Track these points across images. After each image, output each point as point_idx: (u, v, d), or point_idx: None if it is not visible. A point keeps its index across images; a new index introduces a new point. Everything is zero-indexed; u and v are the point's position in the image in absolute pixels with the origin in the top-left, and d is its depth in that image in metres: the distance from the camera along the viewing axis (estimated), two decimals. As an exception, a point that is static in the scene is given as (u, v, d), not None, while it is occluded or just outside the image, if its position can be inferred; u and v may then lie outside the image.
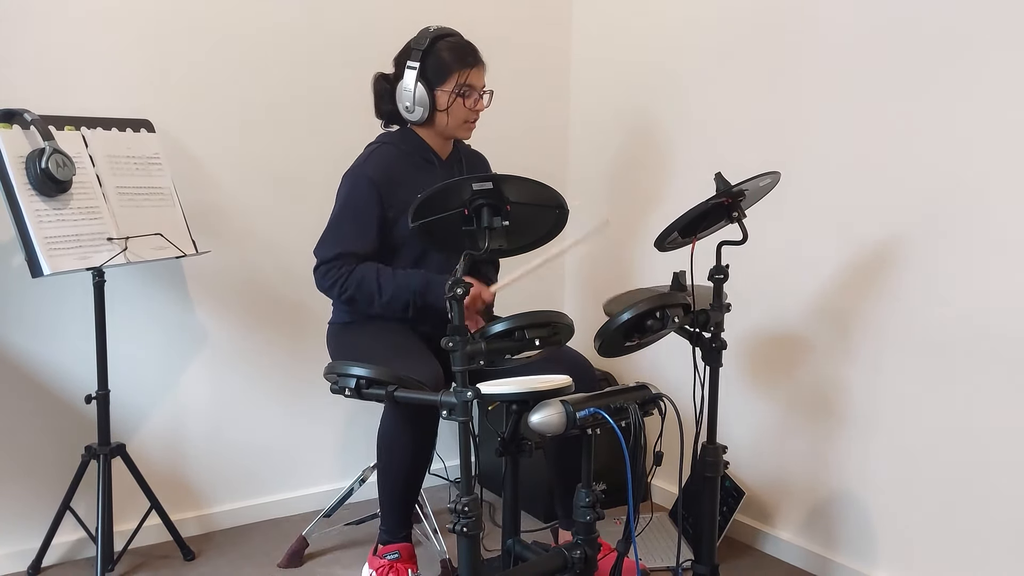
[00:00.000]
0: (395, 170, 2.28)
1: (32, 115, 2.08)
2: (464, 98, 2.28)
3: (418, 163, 2.33)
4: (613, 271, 3.09)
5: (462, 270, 1.64)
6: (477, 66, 2.29)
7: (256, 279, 2.70)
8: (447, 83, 2.26)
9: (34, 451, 2.41)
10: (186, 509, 2.65)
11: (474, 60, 2.28)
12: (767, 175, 1.91)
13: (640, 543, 2.52)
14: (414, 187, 2.01)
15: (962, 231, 2.02)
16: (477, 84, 2.29)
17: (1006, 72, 1.91)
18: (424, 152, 2.35)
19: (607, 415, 1.73)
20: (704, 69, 2.65)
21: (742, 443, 2.59)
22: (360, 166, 2.30)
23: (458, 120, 2.30)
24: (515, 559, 1.99)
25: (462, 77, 2.26)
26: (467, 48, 2.29)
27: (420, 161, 2.34)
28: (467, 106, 2.29)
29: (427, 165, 2.34)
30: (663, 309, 1.86)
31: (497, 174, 1.74)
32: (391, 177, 2.26)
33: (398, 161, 2.31)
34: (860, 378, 2.27)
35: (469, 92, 2.28)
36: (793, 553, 2.48)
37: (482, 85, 2.32)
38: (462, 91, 2.26)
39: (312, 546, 2.51)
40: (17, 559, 2.39)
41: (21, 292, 2.34)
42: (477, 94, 2.29)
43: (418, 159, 2.34)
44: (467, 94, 2.27)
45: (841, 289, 2.30)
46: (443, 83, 2.26)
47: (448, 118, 2.29)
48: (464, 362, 1.63)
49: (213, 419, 2.68)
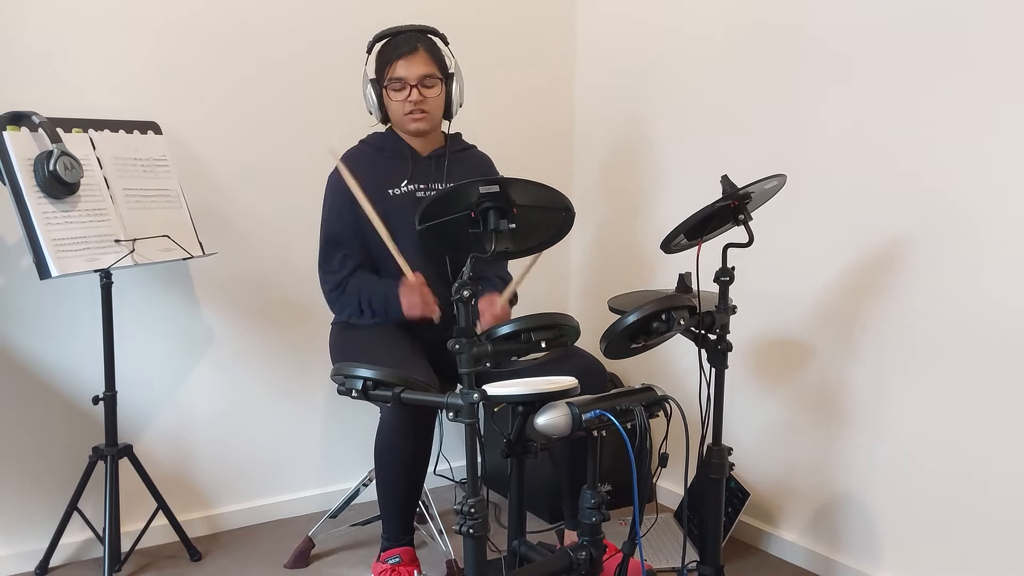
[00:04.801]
0: (362, 165, 2.31)
1: (40, 117, 2.08)
2: (392, 91, 2.28)
3: (388, 160, 2.37)
4: (619, 273, 3.09)
5: (468, 272, 1.64)
6: (405, 57, 2.26)
7: (263, 280, 2.70)
8: (384, 80, 2.30)
9: (42, 452, 2.42)
10: (193, 510, 2.65)
11: (400, 52, 2.26)
12: (773, 178, 1.91)
13: (645, 544, 2.52)
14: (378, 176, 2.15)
15: (967, 233, 2.02)
16: (407, 75, 2.25)
17: (1011, 74, 1.91)
18: (398, 147, 2.38)
19: (613, 417, 1.73)
20: (709, 71, 2.65)
21: (747, 444, 2.59)
22: (333, 171, 2.35)
23: (397, 114, 2.32)
24: (521, 560, 2.00)
25: (390, 70, 2.27)
26: (395, 41, 2.29)
27: (391, 158, 2.37)
28: (396, 99, 2.28)
29: (399, 160, 2.36)
30: (669, 311, 1.87)
31: (503, 177, 1.74)
32: (358, 171, 2.26)
33: (366, 157, 2.36)
34: (865, 380, 2.27)
35: (397, 85, 2.27)
36: (798, 554, 2.48)
37: (418, 74, 2.26)
38: (390, 84, 2.28)
39: (318, 547, 2.52)
40: (25, 559, 2.40)
41: (29, 294, 2.35)
42: (408, 84, 2.26)
43: (389, 156, 2.37)
44: (395, 87, 2.28)
45: (846, 291, 2.30)
46: (382, 81, 2.30)
47: (392, 115, 2.33)
48: (470, 364, 1.63)
49: (220, 420, 2.69)
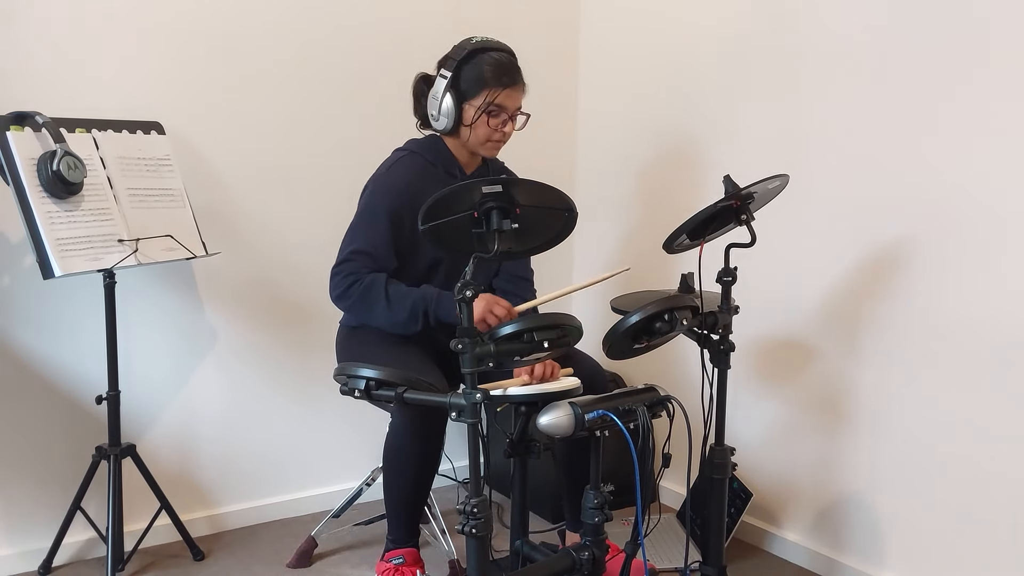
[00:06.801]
0: (417, 181, 2.23)
1: (44, 117, 2.09)
2: (490, 116, 2.20)
3: (441, 176, 2.27)
4: (621, 274, 3.08)
5: (470, 272, 1.65)
6: (513, 87, 2.19)
7: (266, 280, 2.71)
8: (477, 98, 2.18)
9: (45, 451, 2.43)
10: (196, 509, 2.66)
11: (510, 80, 2.19)
12: (776, 178, 1.91)
13: (648, 544, 2.52)
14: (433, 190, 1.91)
15: (971, 233, 2.01)
16: (508, 105, 2.20)
17: (1015, 75, 1.90)
18: (449, 165, 2.29)
19: (615, 417, 1.73)
20: (712, 72, 2.65)
21: (750, 445, 2.59)
22: (383, 174, 2.28)
23: (480, 138, 2.23)
24: (523, 560, 2.00)
25: (492, 95, 2.17)
26: (505, 67, 2.19)
27: (443, 174, 2.28)
28: (491, 125, 2.21)
29: (449, 179, 2.27)
30: (672, 311, 1.87)
31: (507, 177, 1.74)
32: (412, 188, 2.22)
33: (422, 172, 2.27)
34: (868, 380, 2.27)
35: (497, 112, 2.20)
36: (801, 554, 2.48)
37: (516, 107, 2.22)
38: (490, 109, 2.19)
39: (321, 546, 2.52)
40: (28, 559, 2.40)
41: (32, 293, 2.36)
42: (506, 115, 2.21)
43: (441, 171, 2.28)
44: (494, 113, 2.20)
45: (850, 291, 2.30)
46: (473, 97, 2.19)
47: (471, 133, 2.23)
48: (473, 364, 1.63)
49: (223, 420, 2.69)
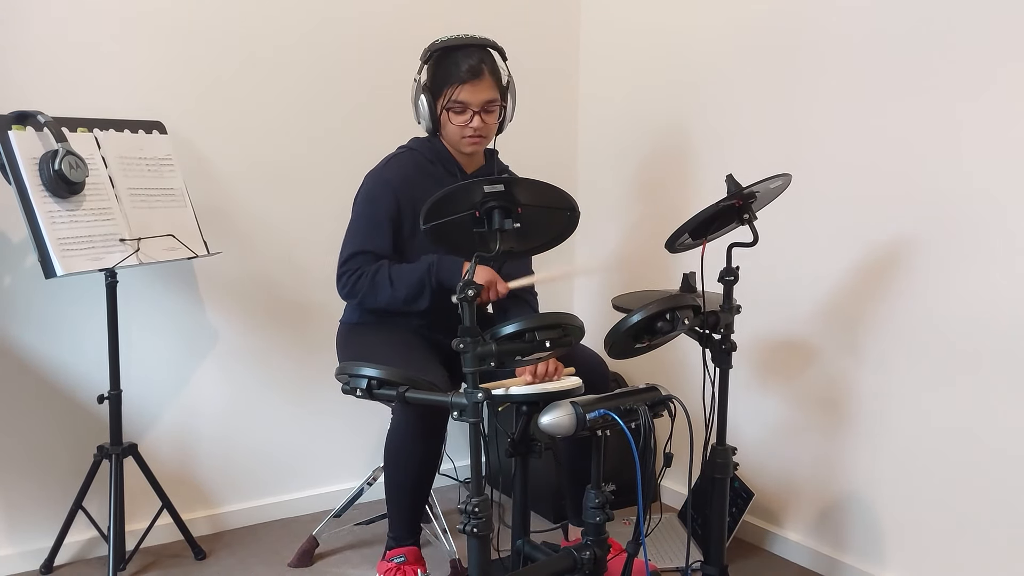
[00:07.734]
0: (414, 177, 2.23)
1: (45, 117, 2.09)
2: (453, 113, 2.18)
3: (440, 175, 2.26)
4: (623, 273, 3.08)
5: (472, 272, 1.65)
6: (471, 82, 2.15)
7: (267, 280, 2.71)
8: (442, 97, 2.18)
9: (46, 451, 2.43)
10: (197, 509, 2.66)
11: (468, 76, 2.15)
12: (778, 177, 1.91)
13: (649, 544, 2.52)
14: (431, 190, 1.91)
15: (971, 233, 2.01)
16: (471, 100, 2.16)
17: (1017, 75, 1.90)
18: (448, 164, 2.28)
19: (617, 417, 1.73)
20: (714, 71, 2.65)
21: (751, 444, 2.59)
22: (380, 170, 2.28)
23: (453, 135, 2.22)
24: (525, 559, 2.00)
25: (452, 92, 2.15)
26: (463, 63, 2.15)
27: (442, 172, 2.27)
28: (455, 123, 2.19)
29: (448, 178, 2.26)
30: (673, 311, 1.86)
31: (508, 176, 1.74)
32: (410, 183, 2.22)
33: (419, 169, 2.26)
34: (869, 380, 2.26)
35: (460, 108, 2.17)
36: (802, 554, 2.47)
37: (482, 101, 2.17)
38: (450, 106, 2.17)
39: (322, 546, 2.52)
40: (29, 558, 2.40)
41: (34, 293, 2.36)
42: (472, 111, 2.17)
43: (440, 170, 2.27)
44: (456, 110, 2.17)
45: (852, 291, 2.30)
46: (439, 96, 2.19)
47: (445, 132, 2.23)
48: (475, 363, 1.63)
49: (224, 419, 2.69)
